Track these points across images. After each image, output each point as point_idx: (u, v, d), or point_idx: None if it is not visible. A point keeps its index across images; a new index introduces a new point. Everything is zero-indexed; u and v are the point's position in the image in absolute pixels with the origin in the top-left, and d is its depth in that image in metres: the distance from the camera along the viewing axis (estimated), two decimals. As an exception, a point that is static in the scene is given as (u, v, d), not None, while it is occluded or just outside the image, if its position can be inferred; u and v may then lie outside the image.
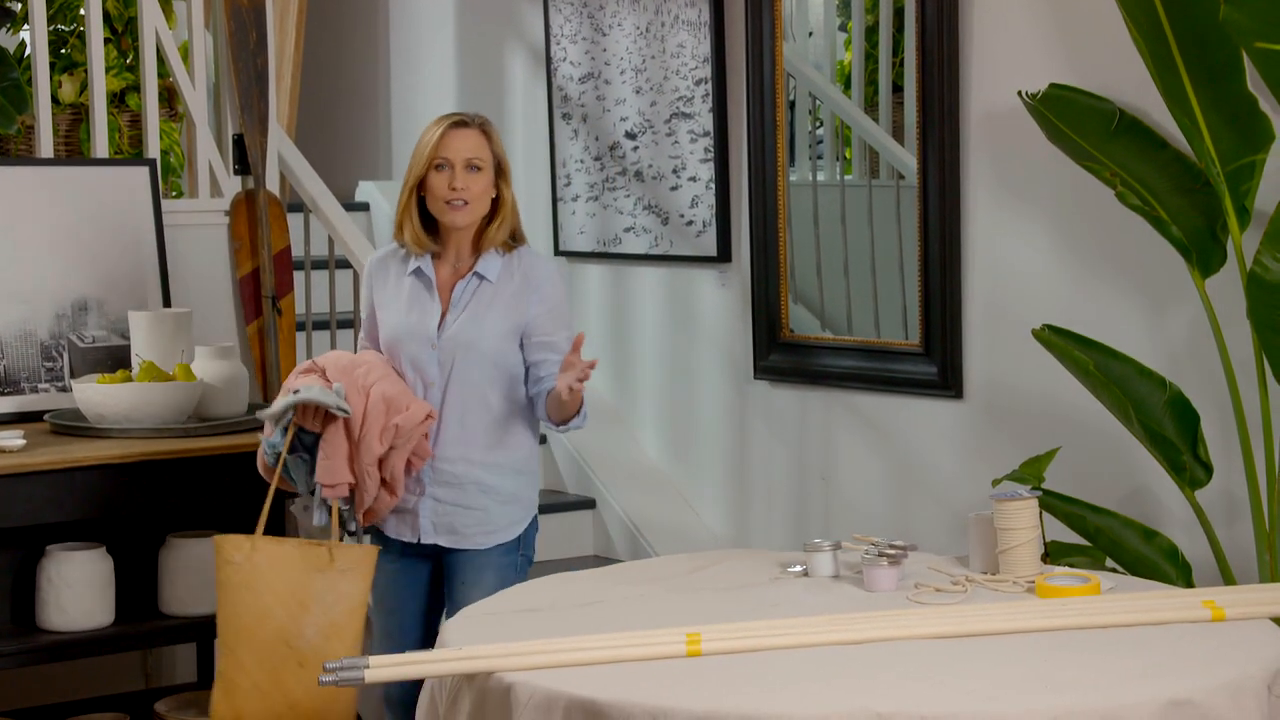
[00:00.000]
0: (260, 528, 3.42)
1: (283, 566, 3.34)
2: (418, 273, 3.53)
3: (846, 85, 4.71)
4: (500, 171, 3.51)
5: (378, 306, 3.58)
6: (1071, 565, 3.52)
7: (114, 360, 4.29)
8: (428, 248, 3.52)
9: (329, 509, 3.43)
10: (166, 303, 4.41)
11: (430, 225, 3.53)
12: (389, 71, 6.38)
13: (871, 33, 4.62)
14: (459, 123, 3.49)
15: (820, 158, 4.80)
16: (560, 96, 5.38)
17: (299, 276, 5.01)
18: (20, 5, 4.88)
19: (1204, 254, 3.62)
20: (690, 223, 5.00)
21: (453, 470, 3.51)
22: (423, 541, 3.53)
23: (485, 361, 3.49)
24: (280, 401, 3.44)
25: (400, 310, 3.54)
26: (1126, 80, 3.77)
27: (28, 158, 4.65)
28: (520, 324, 3.51)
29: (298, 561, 3.34)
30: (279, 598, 3.32)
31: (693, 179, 4.97)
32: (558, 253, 5.46)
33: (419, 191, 3.50)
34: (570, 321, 3.59)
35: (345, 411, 3.40)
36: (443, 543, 3.53)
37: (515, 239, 3.57)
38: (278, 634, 3.33)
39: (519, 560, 3.60)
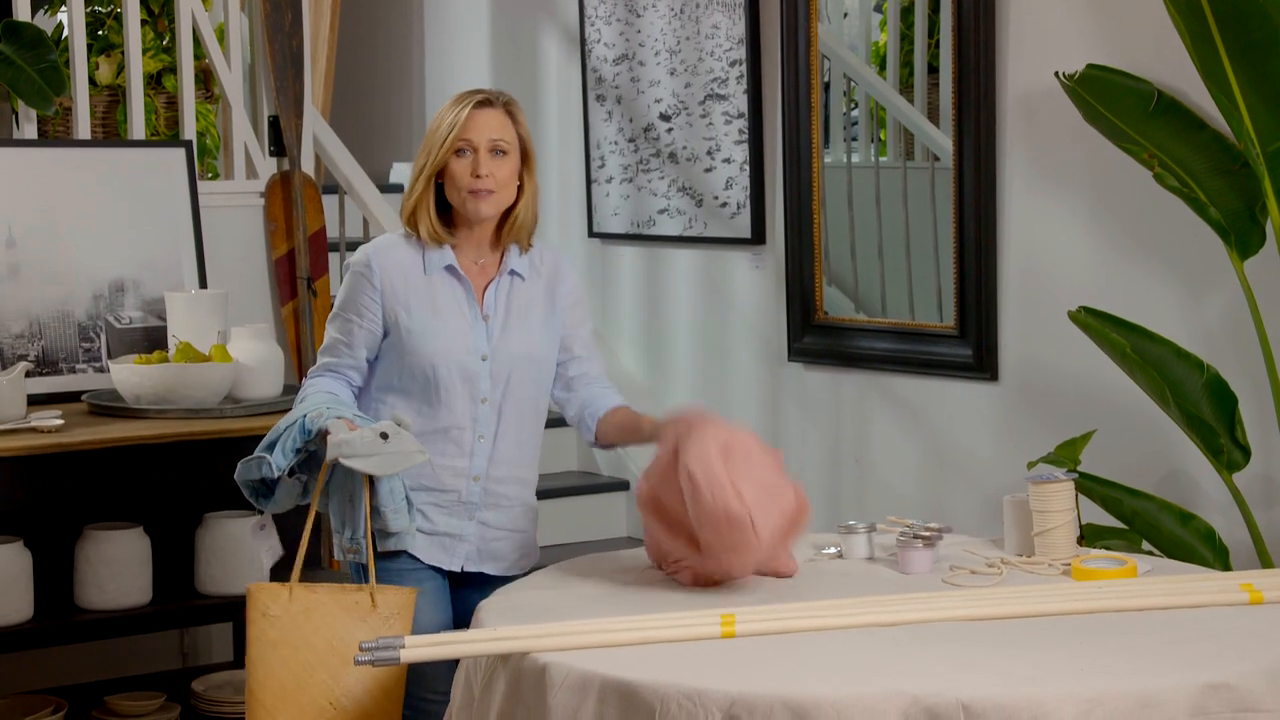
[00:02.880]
0: (296, 573, 3.03)
1: (322, 617, 2.97)
2: (450, 270, 3.16)
3: (882, 66, 4.69)
4: (525, 157, 3.18)
5: (398, 309, 3.15)
6: (1108, 548, 3.51)
7: (150, 341, 4.32)
8: (445, 241, 3.17)
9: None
10: (202, 284, 4.43)
11: (444, 216, 3.19)
12: (423, 53, 6.39)
13: (907, 13, 4.60)
14: (483, 101, 3.14)
15: (855, 139, 4.78)
16: (594, 78, 5.37)
17: (334, 258, 5.03)
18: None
19: (1242, 235, 3.60)
20: (724, 205, 4.99)
21: (505, 492, 3.22)
22: (465, 570, 3.21)
23: (538, 372, 3.21)
24: (362, 444, 2.96)
25: (434, 314, 3.15)
26: (1165, 60, 3.75)
27: (65, 139, 4.67)
28: (558, 327, 3.24)
29: (338, 610, 2.98)
30: (318, 653, 2.98)
31: (727, 161, 4.96)
32: (591, 235, 5.46)
33: (436, 179, 3.16)
34: (590, 315, 3.35)
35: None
36: (488, 570, 3.22)
37: (531, 235, 3.23)
38: (321, 692, 2.97)
39: None
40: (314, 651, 2.98)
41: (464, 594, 3.23)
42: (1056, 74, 3.76)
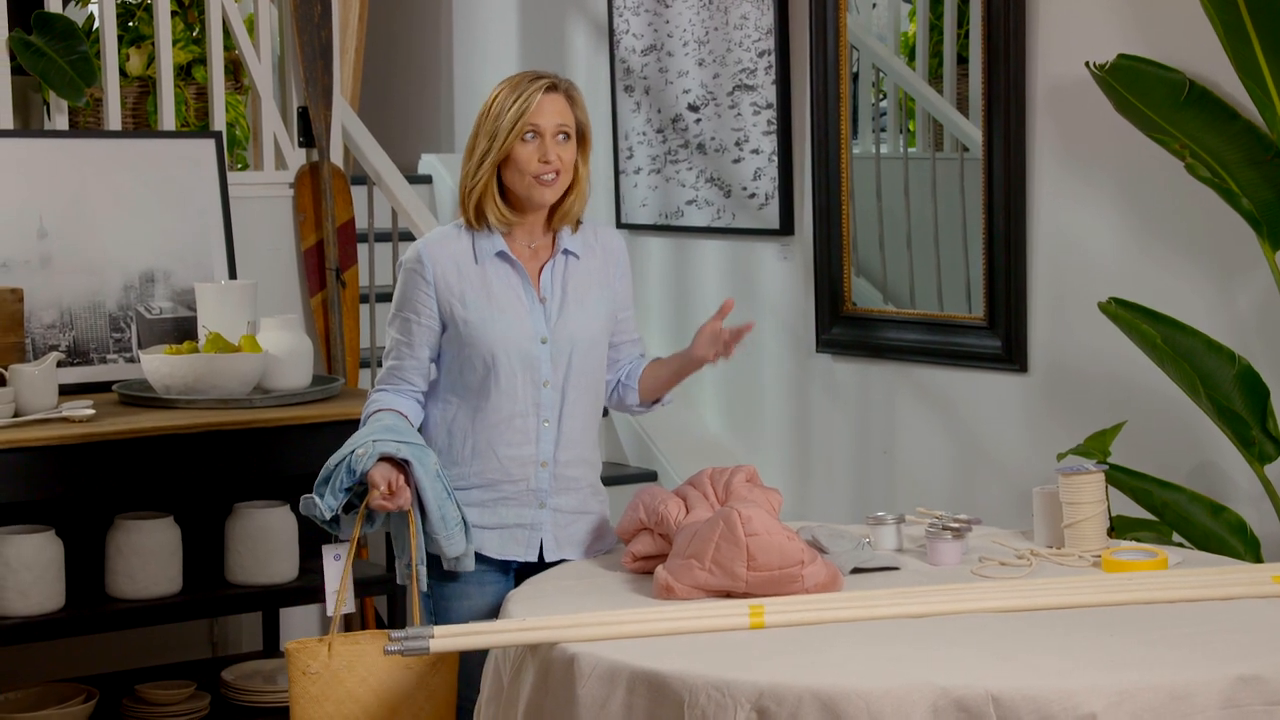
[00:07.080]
0: (334, 626, 2.98)
1: (366, 667, 2.92)
2: (502, 256, 3.14)
3: (911, 57, 4.68)
4: (582, 141, 3.16)
5: (453, 301, 3.12)
6: (1138, 540, 3.50)
7: (180, 331, 4.33)
8: (512, 225, 3.14)
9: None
10: (232, 274, 4.45)
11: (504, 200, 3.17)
12: (451, 45, 6.40)
13: (936, 3, 4.58)
14: (549, 86, 3.11)
15: (884, 130, 4.77)
16: (623, 69, 5.37)
17: (362, 249, 5.04)
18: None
19: (1274, 226, 3.58)
20: (753, 195, 4.98)
21: (573, 475, 3.18)
22: (545, 560, 3.16)
23: (596, 350, 3.20)
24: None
25: (490, 302, 3.13)
26: (1196, 50, 3.73)
27: (96, 130, 4.69)
28: (613, 304, 3.24)
29: (381, 659, 2.90)
30: (363, 704, 2.91)
31: (755, 151, 4.96)
32: (619, 225, 5.45)
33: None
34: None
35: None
36: (569, 556, 3.18)
37: (579, 217, 3.23)
38: None
39: None
40: (359, 703, 2.92)
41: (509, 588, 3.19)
42: (1087, 64, 3.75)
